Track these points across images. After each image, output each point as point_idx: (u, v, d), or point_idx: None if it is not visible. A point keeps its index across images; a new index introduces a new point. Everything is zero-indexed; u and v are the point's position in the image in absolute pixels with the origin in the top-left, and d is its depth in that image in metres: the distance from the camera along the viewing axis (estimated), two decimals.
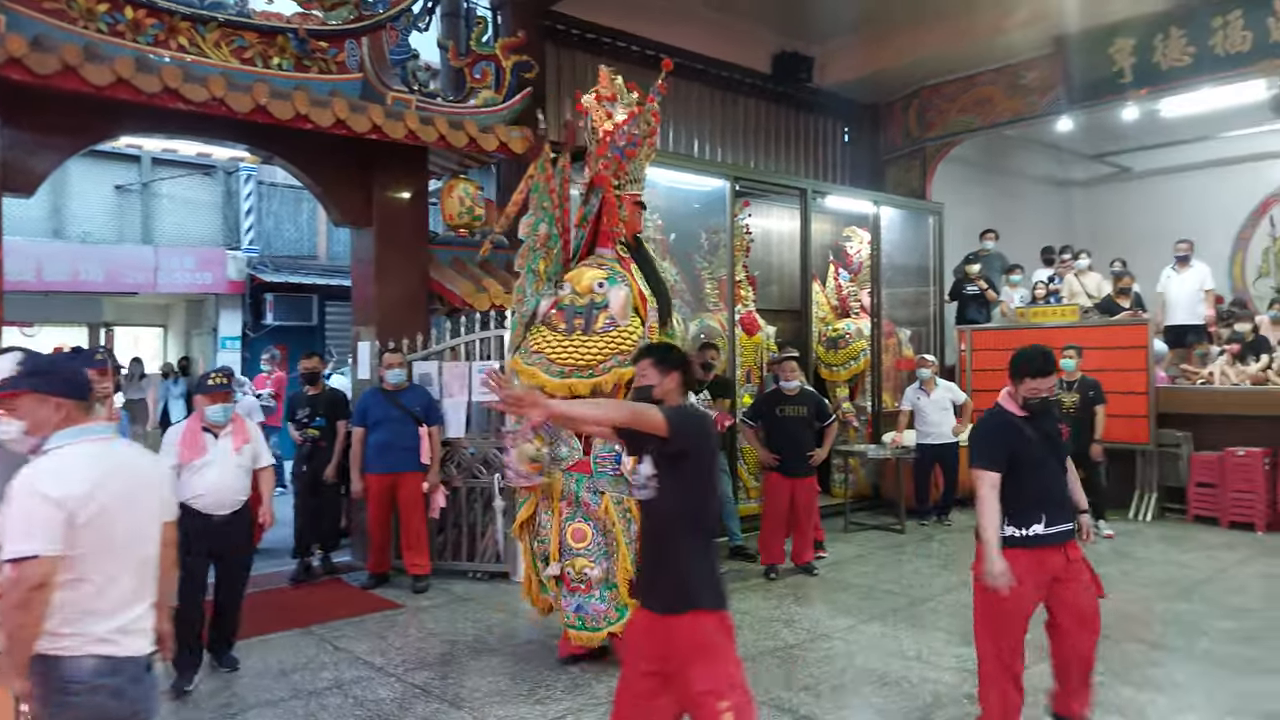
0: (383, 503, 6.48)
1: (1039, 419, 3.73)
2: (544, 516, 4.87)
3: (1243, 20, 8.54)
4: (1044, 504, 3.65)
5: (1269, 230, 12.47)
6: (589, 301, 4.77)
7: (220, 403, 4.71)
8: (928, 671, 4.78)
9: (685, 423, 2.94)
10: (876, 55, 10.53)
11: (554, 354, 4.70)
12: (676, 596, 2.90)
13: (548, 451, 4.77)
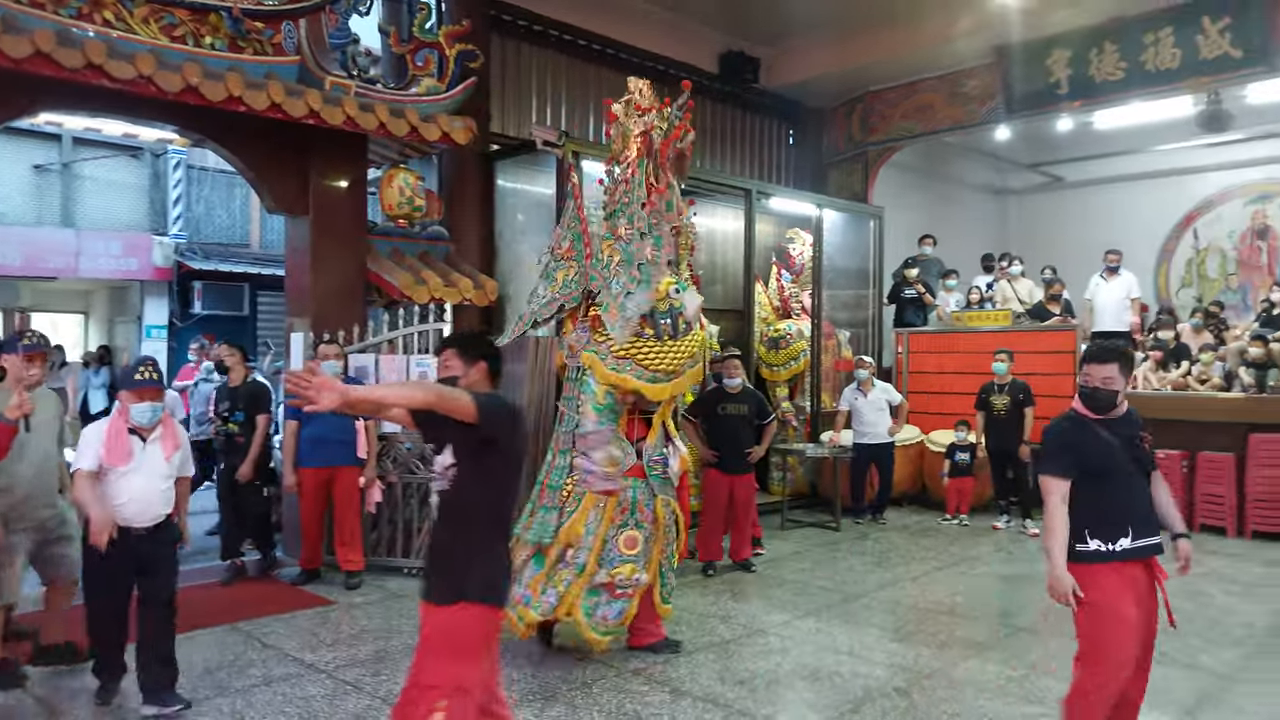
0: (317, 498, 6.33)
1: (1118, 424, 3.35)
2: (592, 524, 4.77)
3: (1173, 38, 8.84)
4: (1130, 515, 3.31)
5: (1192, 243, 12.97)
6: (669, 307, 4.85)
7: (149, 400, 4.12)
8: (859, 666, 4.84)
9: (496, 410, 2.84)
10: (822, 59, 10.65)
11: (645, 359, 4.77)
12: (448, 587, 2.83)
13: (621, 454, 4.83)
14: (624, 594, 4.81)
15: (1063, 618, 5.75)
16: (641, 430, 5.00)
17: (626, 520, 4.81)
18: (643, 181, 5.02)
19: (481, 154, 7.98)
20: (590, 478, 4.81)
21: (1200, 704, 4.35)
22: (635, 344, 4.80)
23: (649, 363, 4.77)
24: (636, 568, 4.80)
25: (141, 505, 4.11)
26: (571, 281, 5.17)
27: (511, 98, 8.67)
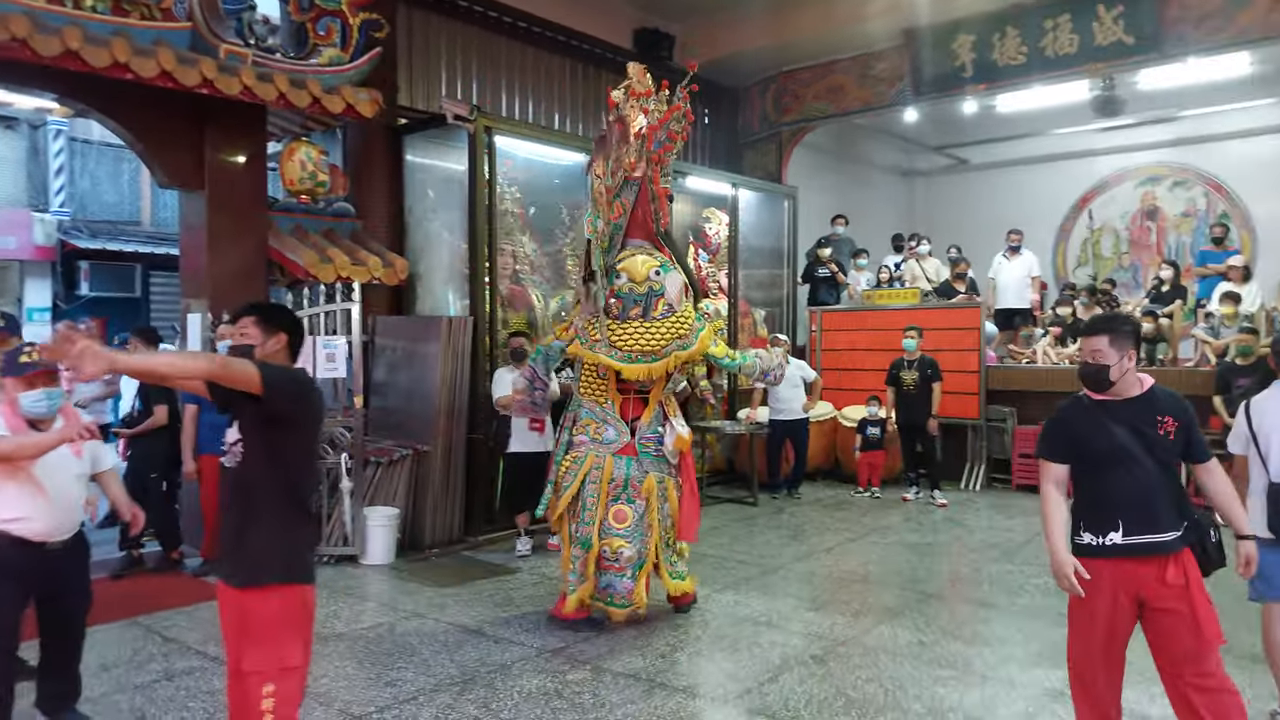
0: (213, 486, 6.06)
1: (1127, 407, 3.02)
2: (590, 499, 4.97)
3: (1071, 24, 9.16)
4: (1121, 507, 2.98)
5: (1087, 223, 13.55)
6: (647, 289, 4.92)
7: (43, 387, 3.49)
8: (777, 636, 4.91)
9: (284, 382, 2.68)
10: (736, 37, 10.67)
11: (618, 340, 4.88)
12: (253, 570, 2.74)
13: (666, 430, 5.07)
14: (611, 567, 4.97)
15: (969, 584, 5.99)
16: (638, 409, 5.11)
17: (618, 495, 4.99)
18: (614, 164, 5.06)
19: (389, 127, 7.73)
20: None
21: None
22: (612, 327, 4.92)
23: (623, 344, 4.88)
24: (626, 542, 4.96)
25: (52, 518, 3.51)
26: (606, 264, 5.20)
27: (420, 70, 8.42)
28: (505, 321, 7.50)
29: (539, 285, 8.04)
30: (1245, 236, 12.04)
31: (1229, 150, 12.27)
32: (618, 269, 4.98)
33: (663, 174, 5.21)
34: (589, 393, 5.12)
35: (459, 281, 7.47)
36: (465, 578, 6.13)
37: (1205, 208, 12.55)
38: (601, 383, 5.10)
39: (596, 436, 5.06)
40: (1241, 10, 8.34)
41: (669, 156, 5.16)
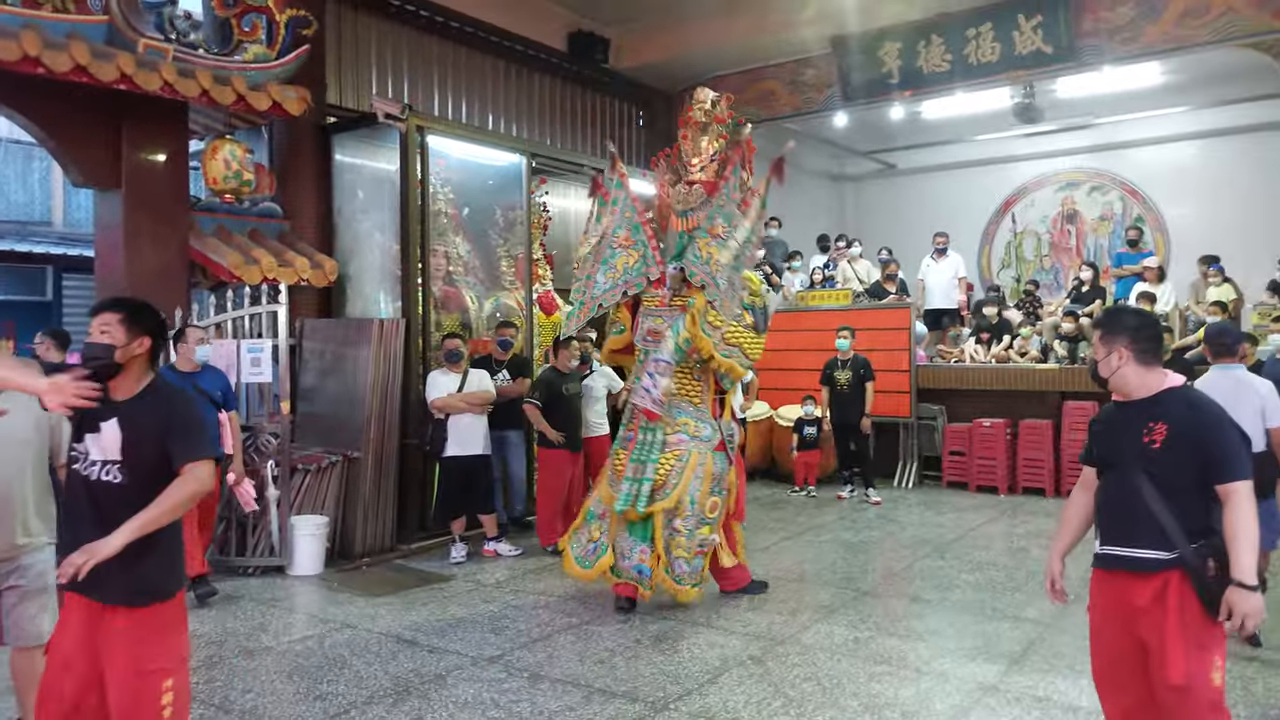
0: None
1: (1137, 408, 2.77)
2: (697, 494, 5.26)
3: (993, 33, 9.43)
4: (1103, 514, 2.88)
5: (1010, 227, 13.95)
6: (763, 304, 5.55)
7: None
8: (715, 637, 4.92)
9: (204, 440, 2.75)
10: (670, 42, 10.71)
11: (748, 348, 5.43)
12: (157, 588, 2.68)
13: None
14: (701, 552, 5.31)
15: (903, 580, 6.10)
16: (718, 410, 5.56)
17: (714, 488, 5.33)
18: (737, 186, 5.44)
19: (318, 126, 7.54)
20: (645, 395, 5.24)
21: (1026, 652, 4.66)
22: (741, 334, 5.36)
23: (750, 350, 5.42)
24: (713, 529, 5.34)
25: None
26: (633, 268, 5.48)
27: (350, 68, 8.24)
28: (439, 324, 7.38)
29: (473, 287, 7.93)
30: (1159, 239, 12.56)
31: (1142, 156, 12.78)
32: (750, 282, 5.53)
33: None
34: (683, 393, 5.39)
35: (391, 283, 7.32)
36: (398, 586, 6.00)
37: (1121, 211, 13.05)
38: (698, 384, 5.43)
39: (696, 434, 5.35)
40: (1150, 23, 8.70)
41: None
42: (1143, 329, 2.75)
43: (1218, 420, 2.65)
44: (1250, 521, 2.56)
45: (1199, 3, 8.45)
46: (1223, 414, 2.66)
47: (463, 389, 6.59)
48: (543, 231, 8.69)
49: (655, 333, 5.39)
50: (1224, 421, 2.64)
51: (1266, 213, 9.77)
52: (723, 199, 5.40)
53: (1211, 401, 2.71)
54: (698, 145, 5.57)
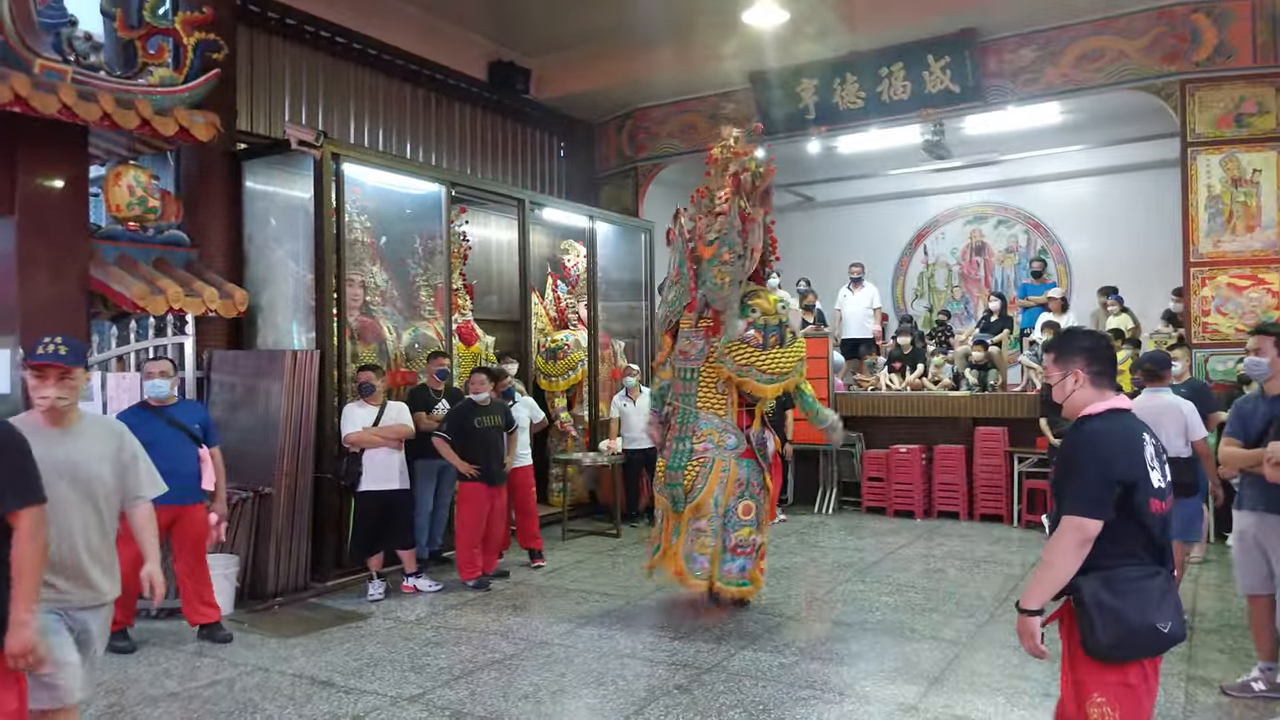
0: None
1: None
2: (719, 497, 5.75)
3: (904, 72, 9.78)
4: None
5: (923, 258, 14.40)
6: (778, 321, 5.78)
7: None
8: (642, 668, 4.86)
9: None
10: (591, 74, 10.79)
11: (763, 365, 5.70)
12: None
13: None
14: (744, 552, 5.79)
15: (825, 605, 6.15)
16: (747, 420, 6.03)
17: (743, 493, 5.80)
18: (736, 214, 5.86)
19: (228, 152, 7.32)
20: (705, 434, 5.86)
21: (944, 672, 4.74)
22: (755, 354, 5.70)
23: (766, 367, 5.72)
24: (753, 530, 5.82)
25: None
26: (677, 299, 6.12)
27: (262, 94, 8.05)
28: (355, 355, 7.21)
29: (391, 317, 7.78)
30: (1062, 270, 13.12)
31: (1045, 192, 13.37)
32: (750, 304, 5.79)
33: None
34: (708, 406, 5.91)
35: (305, 313, 7.12)
36: (313, 626, 5.77)
37: (1026, 244, 13.60)
38: (721, 398, 5.93)
39: (720, 444, 5.83)
40: (1050, 66, 9.16)
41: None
42: (1097, 350, 2.67)
43: (1067, 453, 2.60)
44: (1053, 552, 2.49)
45: (1094, 47, 8.94)
46: (1075, 446, 2.57)
47: (379, 422, 6.43)
48: (463, 261, 8.60)
49: (684, 353, 6.04)
50: (1071, 455, 2.57)
51: (1160, 246, 10.30)
52: (726, 226, 5.87)
53: (1080, 433, 2.59)
54: (720, 180, 6.09)
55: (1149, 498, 2.49)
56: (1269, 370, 4.17)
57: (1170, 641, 2.46)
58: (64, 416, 3.06)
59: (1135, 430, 2.58)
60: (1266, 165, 8.30)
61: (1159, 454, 2.60)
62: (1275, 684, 4.28)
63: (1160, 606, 2.44)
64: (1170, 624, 2.44)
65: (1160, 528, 2.53)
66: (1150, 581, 2.47)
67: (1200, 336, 8.47)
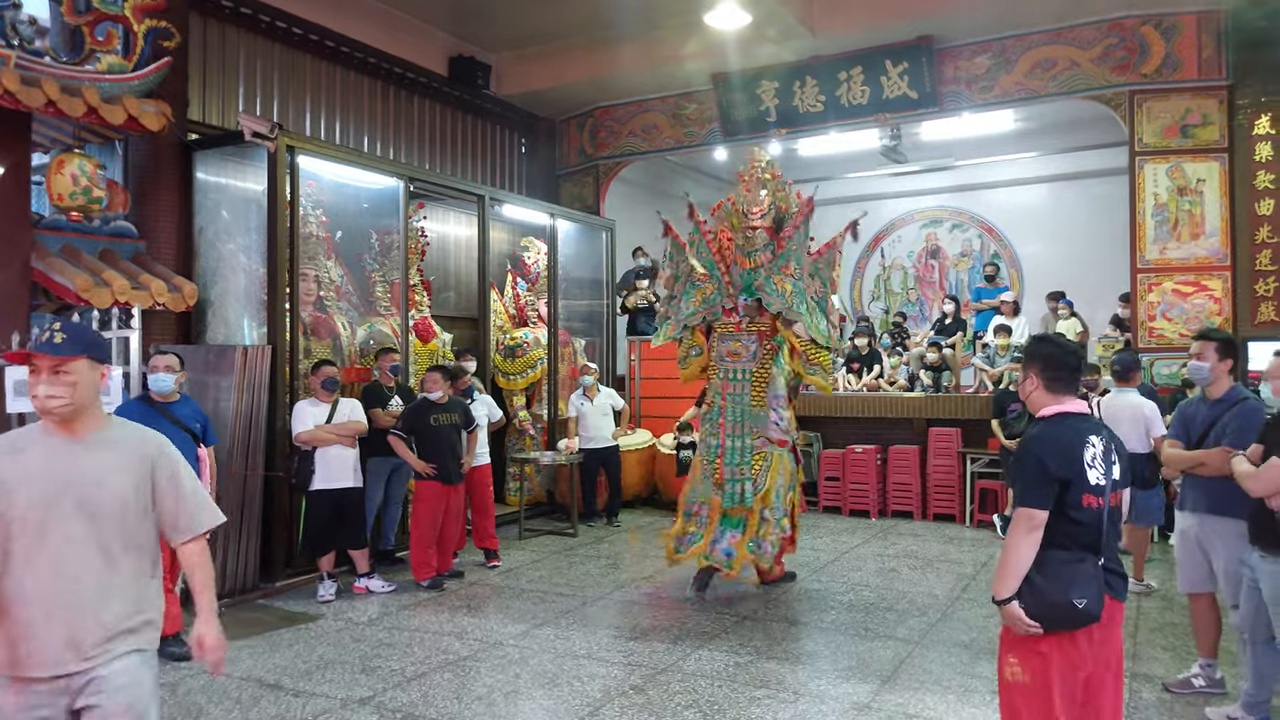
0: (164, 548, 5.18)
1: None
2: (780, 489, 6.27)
3: (863, 77, 9.88)
4: None
5: (879, 261, 14.58)
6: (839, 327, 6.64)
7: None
8: (597, 668, 4.84)
9: None
10: (553, 71, 10.73)
11: (828, 365, 6.43)
12: None
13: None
14: (779, 539, 6.35)
15: (781, 604, 6.18)
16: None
17: (791, 484, 6.38)
18: (807, 236, 6.47)
19: (179, 143, 7.15)
20: (774, 429, 6.27)
21: (897, 671, 4.79)
22: (821, 354, 6.33)
23: (829, 367, 6.41)
24: (786, 516, 6.33)
25: None
26: (713, 298, 6.48)
27: (215, 84, 7.87)
28: (308, 351, 7.09)
29: (346, 312, 7.66)
30: (1014, 274, 13.37)
31: (998, 197, 13.63)
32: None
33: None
34: (762, 404, 6.33)
35: (256, 308, 6.98)
36: (261, 627, 5.66)
37: (980, 248, 13.84)
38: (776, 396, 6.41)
39: (776, 439, 6.32)
40: (1004, 74, 9.32)
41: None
42: (1053, 360, 2.90)
43: (1018, 452, 2.90)
44: (1010, 540, 2.77)
45: (1047, 57, 9.12)
46: (1023, 446, 2.87)
47: (332, 419, 6.33)
48: (420, 257, 8.50)
49: (734, 354, 6.40)
50: (1020, 453, 2.86)
51: (1109, 252, 10.53)
52: (794, 244, 6.36)
53: (1029, 434, 2.88)
54: (756, 197, 6.51)
55: (1082, 494, 2.73)
56: (1210, 375, 4.28)
57: (1085, 617, 2.70)
58: (72, 422, 2.39)
59: (1078, 433, 2.81)
60: (1210, 175, 8.54)
61: (1108, 454, 2.81)
62: (1215, 680, 4.40)
63: (1079, 586, 2.70)
64: (1086, 601, 2.69)
65: (1095, 521, 2.76)
66: (1075, 566, 2.73)
67: (1146, 341, 8.68)
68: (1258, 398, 4.35)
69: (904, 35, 9.38)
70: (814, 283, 6.43)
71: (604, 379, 10.15)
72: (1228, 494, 4.00)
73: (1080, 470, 2.74)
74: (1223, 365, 4.26)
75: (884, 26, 9.26)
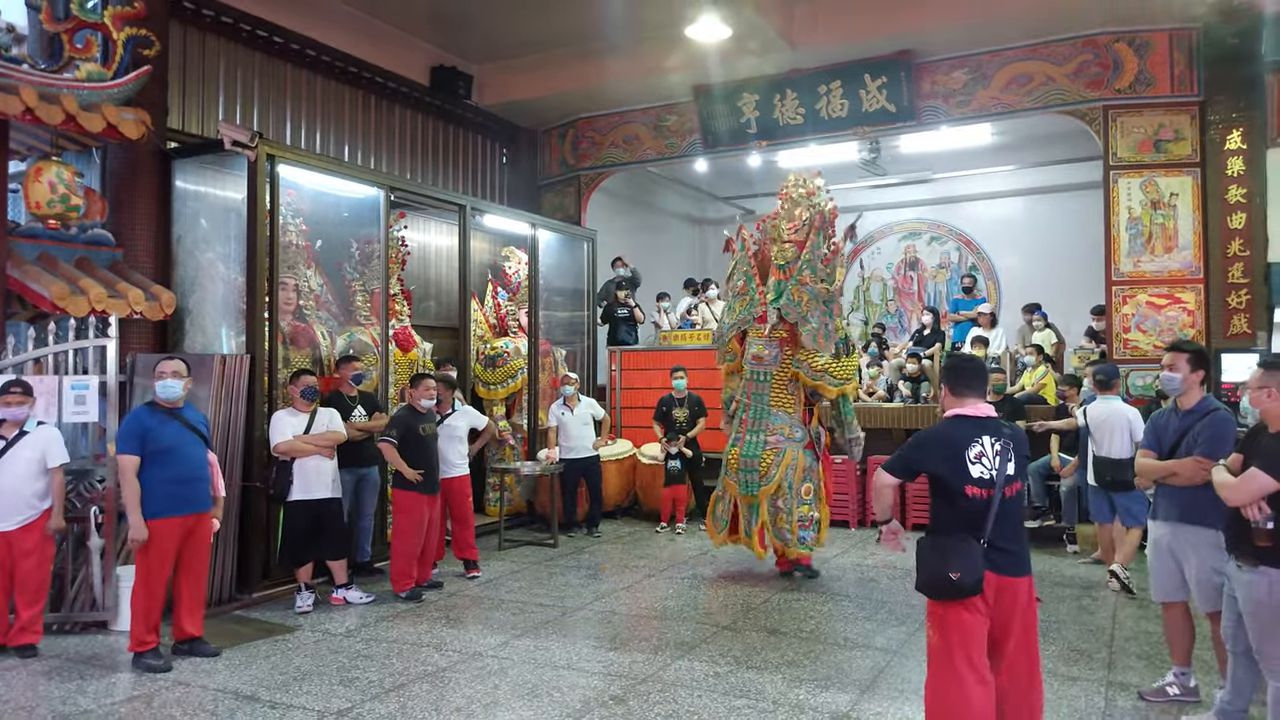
0: (173, 555, 5.16)
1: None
2: (790, 480, 6.88)
3: (842, 91, 9.98)
4: None
5: (859, 272, 14.69)
6: (844, 335, 7.12)
7: None
8: (577, 679, 4.83)
9: None
10: (535, 82, 10.77)
11: (834, 371, 6.96)
12: None
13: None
14: (807, 525, 6.94)
15: (760, 613, 6.19)
16: (808, 417, 7.14)
17: (806, 476, 6.94)
18: (821, 244, 7.02)
19: (159, 151, 7.11)
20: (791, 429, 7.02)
21: (875, 680, 4.81)
22: (829, 362, 6.91)
23: (837, 373, 6.95)
24: (812, 507, 6.97)
25: None
26: (747, 309, 7.15)
27: (195, 93, 7.85)
28: (287, 360, 7.05)
29: (325, 321, 7.63)
30: (991, 286, 13.52)
31: (975, 210, 13.79)
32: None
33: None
34: (779, 404, 7.02)
35: (235, 317, 6.94)
36: (238, 639, 5.61)
37: (958, 260, 13.99)
38: (791, 398, 7.05)
39: (790, 436, 6.95)
40: (981, 89, 9.44)
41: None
42: (955, 371, 3.56)
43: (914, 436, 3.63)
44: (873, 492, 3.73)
45: (1024, 72, 9.25)
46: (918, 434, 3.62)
47: (310, 429, 6.29)
48: (401, 266, 8.48)
49: (758, 358, 7.02)
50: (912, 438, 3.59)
51: (1084, 265, 10.67)
52: (810, 254, 6.95)
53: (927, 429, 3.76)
54: (792, 214, 7.14)
55: (963, 485, 3.30)
56: (1182, 386, 4.35)
57: (960, 589, 3.24)
58: None
59: (966, 433, 3.38)
60: (1183, 190, 8.68)
61: (1003, 452, 3.35)
62: (1189, 688, 4.45)
63: (956, 563, 3.25)
64: (961, 575, 3.24)
65: (980, 508, 3.30)
66: (956, 545, 3.29)
67: (1121, 353, 8.79)
68: (1230, 408, 4.42)
69: (883, 50, 9.49)
70: (823, 286, 6.98)
71: (585, 389, 10.15)
72: (1199, 503, 4.07)
73: (960, 465, 3.30)
74: (1195, 376, 4.33)
75: (863, 41, 9.37)
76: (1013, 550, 3.34)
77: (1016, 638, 3.35)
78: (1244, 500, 3.61)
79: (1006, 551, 3.32)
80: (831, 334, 6.94)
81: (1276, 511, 3.53)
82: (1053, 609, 6.19)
